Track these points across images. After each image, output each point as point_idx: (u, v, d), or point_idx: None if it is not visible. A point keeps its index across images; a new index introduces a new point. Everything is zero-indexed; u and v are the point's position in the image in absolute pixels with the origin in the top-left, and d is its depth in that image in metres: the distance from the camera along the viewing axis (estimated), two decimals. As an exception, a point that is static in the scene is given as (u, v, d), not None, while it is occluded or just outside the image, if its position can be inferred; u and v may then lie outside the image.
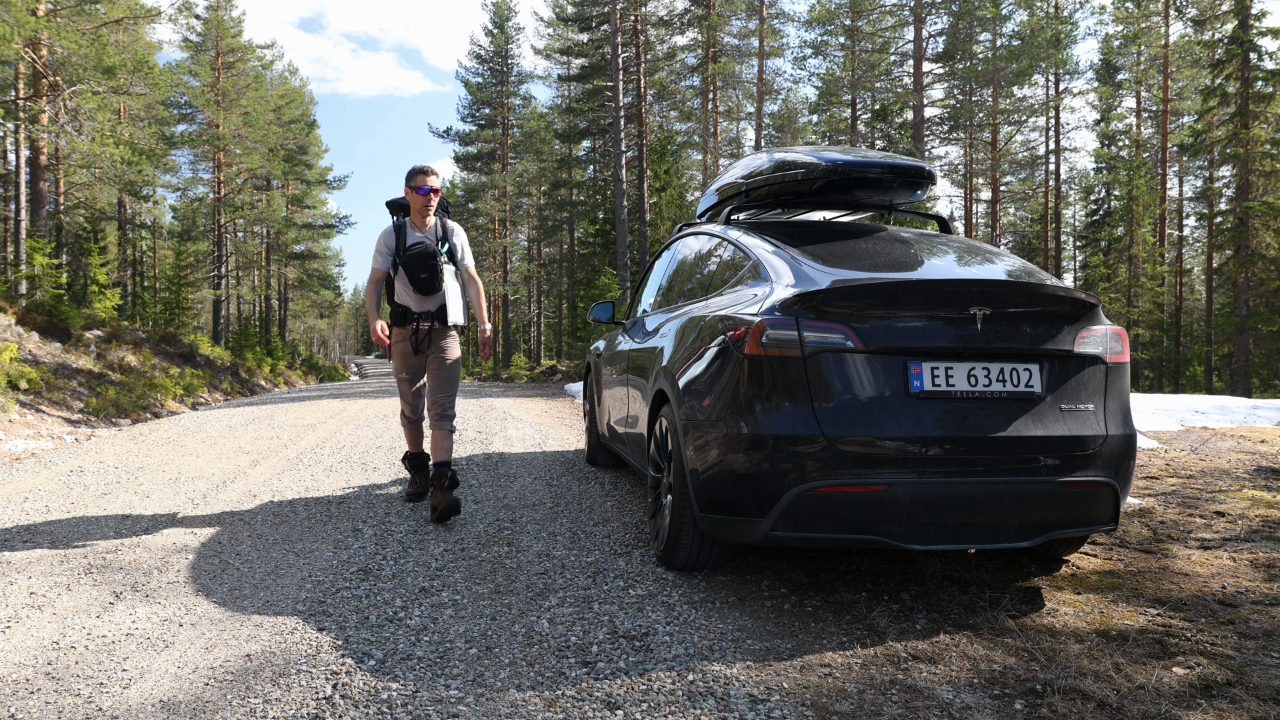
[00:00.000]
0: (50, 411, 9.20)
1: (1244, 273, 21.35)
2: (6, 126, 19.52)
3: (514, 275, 39.21)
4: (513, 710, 2.26)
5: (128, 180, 24.38)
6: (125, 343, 14.70)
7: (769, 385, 2.83)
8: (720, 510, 2.99)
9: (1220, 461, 5.71)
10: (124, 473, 5.95)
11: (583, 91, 29.78)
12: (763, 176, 4.12)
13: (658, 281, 5.07)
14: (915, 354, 2.81)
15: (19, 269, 16.28)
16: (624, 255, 21.57)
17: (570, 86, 33.77)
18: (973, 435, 2.74)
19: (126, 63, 16.18)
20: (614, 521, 4.43)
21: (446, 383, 4.48)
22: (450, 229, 4.55)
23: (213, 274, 31.46)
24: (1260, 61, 21.68)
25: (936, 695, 2.32)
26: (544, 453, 6.97)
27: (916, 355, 2.80)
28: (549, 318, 43.35)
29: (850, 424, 2.75)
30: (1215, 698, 2.26)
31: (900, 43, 26.20)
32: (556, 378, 23.31)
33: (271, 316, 39.20)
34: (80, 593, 3.31)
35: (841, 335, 2.79)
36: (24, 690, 2.43)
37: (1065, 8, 26.42)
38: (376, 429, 8.55)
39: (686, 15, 25.95)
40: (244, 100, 30.62)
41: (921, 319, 2.80)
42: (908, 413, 2.77)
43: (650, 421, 3.89)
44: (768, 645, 2.70)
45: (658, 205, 22.36)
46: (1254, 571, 3.36)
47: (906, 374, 2.80)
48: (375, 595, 3.22)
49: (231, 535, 4.18)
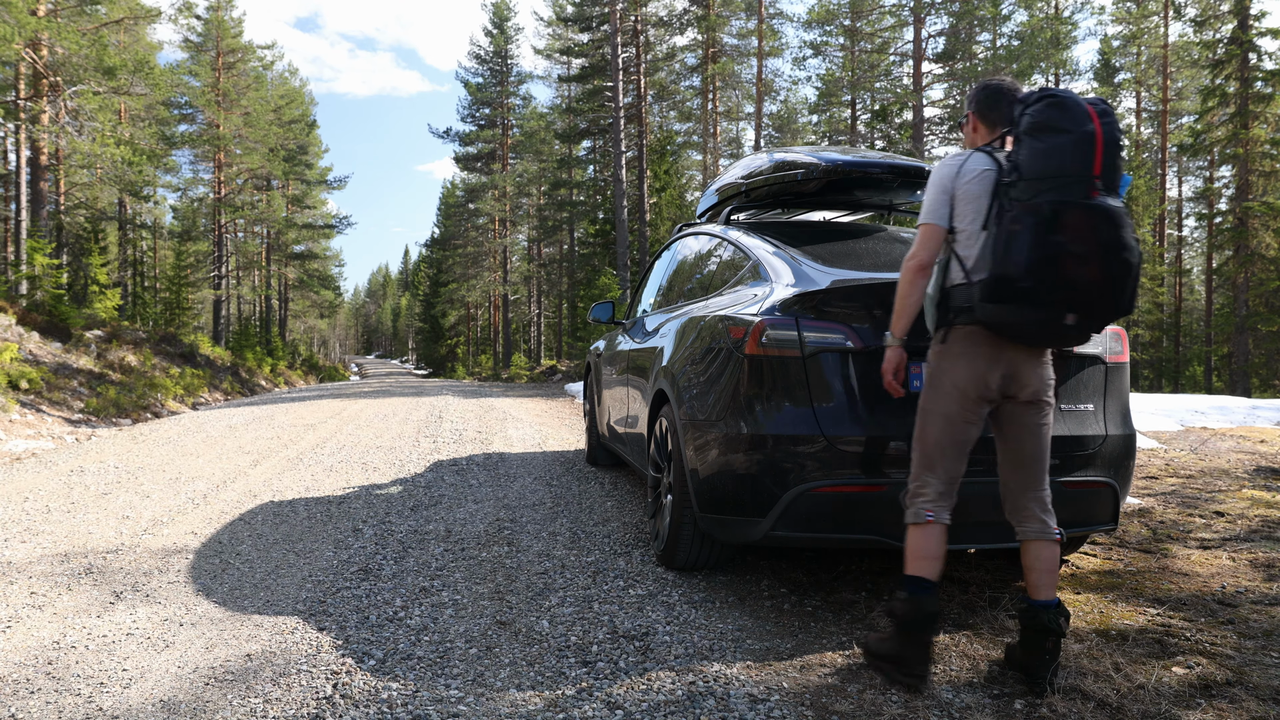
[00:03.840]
0: (50, 411, 9.20)
1: (1243, 273, 21.35)
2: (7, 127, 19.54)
3: (514, 275, 39.19)
4: (513, 710, 2.26)
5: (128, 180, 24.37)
6: (125, 343, 14.70)
7: (769, 385, 2.83)
8: (720, 510, 2.99)
9: (1220, 461, 5.71)
10: (124, 473, 5.95)
11: (583, 91, 29.76)
12: (763, 176, 4.12)
13: (658, 281, 5.07)
14: (915, 354, 2.81)
15: (19, 269, 16.27)
16: (624, 255, 21.56)
17: (570, 86, 33.75)
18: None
19: (127, 63, 16.18)
20: (614, 521, 4.43)
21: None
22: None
23: (213, 274, 31.44)
24: (1260, 61, 21.67)
25: (936, 695, 2.32)
26: (544, 453, 6.97)
27: (916, 355, 2.81)
28: (549, 318, 43.35)
29: (850, 424, 2.75)
30: (1215, 698, 2.26)
31: (900, 43, 26.21)
32: (556, 378, 23.32)
33: (272, 316, 39.20)
34: (80, 593, 3.31)
35: (841, 335, 2.80)
36: (24, 690, 2.43)
37: (1065, 8, 26.40)
38: (376, 429, 8.55)
39: (686, 15, 25.95)
40: (244, 100, 30.60)
41: (921, 318, 2.80)
42: (908, 413, 2.77)
43: (650, 421, 3.89)
44: (768, 645, 2.71)
45: (658, 205, 22.35)
46: (1254, 571, 3.36)
47: (907, 374, 2.80)
48: (375, 595, 3.22)
49: (231, 535, 4.18)
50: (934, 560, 2.37)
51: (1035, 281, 2.15)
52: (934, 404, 2.40)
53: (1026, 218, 2.15)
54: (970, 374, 2.33)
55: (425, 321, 46.96)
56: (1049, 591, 2.37)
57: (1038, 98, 2.26)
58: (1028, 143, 2.21)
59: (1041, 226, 2.13)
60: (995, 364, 2.33)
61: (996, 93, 2.48)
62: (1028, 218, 2.15)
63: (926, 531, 2.38)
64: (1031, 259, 2.13)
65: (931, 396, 2.42)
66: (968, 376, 2.34)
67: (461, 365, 40.07)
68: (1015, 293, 2.18)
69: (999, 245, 2.20)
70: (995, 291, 2.21)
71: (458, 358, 42.79)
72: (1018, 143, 2.26)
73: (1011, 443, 2.43)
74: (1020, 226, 2.16)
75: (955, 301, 2.35)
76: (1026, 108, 2.26)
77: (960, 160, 2.40)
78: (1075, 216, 2.13)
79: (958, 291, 2.35)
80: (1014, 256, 2.15)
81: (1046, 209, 2.13)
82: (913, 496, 2.43)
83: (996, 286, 2.20)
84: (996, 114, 2.46)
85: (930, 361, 2.43)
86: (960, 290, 2.34)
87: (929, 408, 2.42)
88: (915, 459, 2.45)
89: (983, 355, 2.32)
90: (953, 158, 2.43)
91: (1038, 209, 2.14)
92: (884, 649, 2.43)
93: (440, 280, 41.83)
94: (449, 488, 5.35)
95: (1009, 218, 2.19)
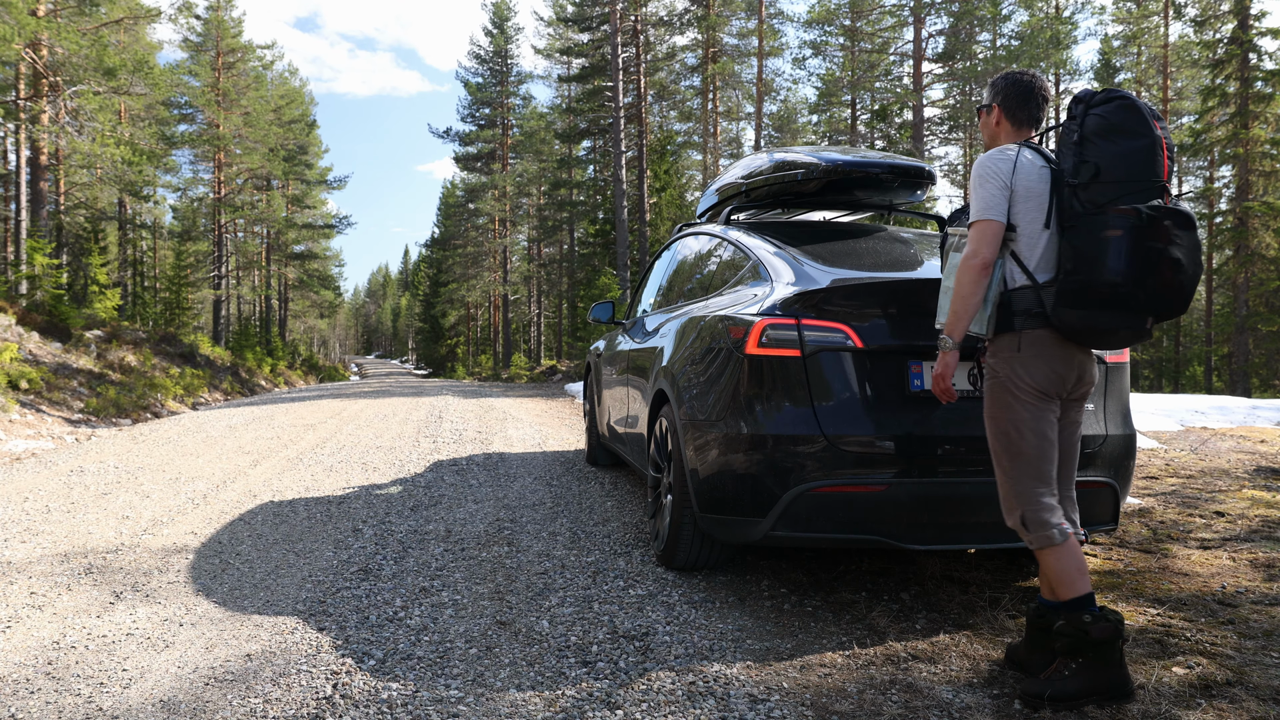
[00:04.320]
0: (50, 411, 9.19)
1: (1244, 273, 21.33)
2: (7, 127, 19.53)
3: (514, 275, 39.18)
4: (513, 710, 2.26)
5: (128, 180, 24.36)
6: (125, 343, 14.70)
7: (769, 385, 2.83)
8: (720, 510, 2.99)
9: (1220, 461, 5.71)
10: (124, 473, 5.95)
11: (583, 91, 29.76)
12: (763, 176, 4.12)
13: (658, 281, 5.07)
14: (915, 353, 2.81)
15: (19, 269, 16.27)
16: (624, 255, 21.56)
17: (570, 86, 33.75)
18: (973, 434, 2.75)
19: (127, 63, 16.17)
20: (614, 521, 4.43)
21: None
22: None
23: (213, 274, 31.44)
24: (1260, 61, 21.66)
25: (936, 695, 2.32)
26: (544, 453, 6.97)
27: (916, 354, 2.81)
28: (549, 318, 43.34)
29: (850, 423, 2.75)
30: (1215, 698, 2.26)
31: (900, 43, 26.21)
32: (556, 378, 23.31)
33: (272, 316, 39.19)
34: (80, 593, 3.31)
35: (841, 335, 2.79)
36: (24, 690, 2.43)
37: (1065, 8, 26.40)
38: (376, 429, 8.55)
39: (686, 15, 25.95)
40: (244, 100, 30.60)
41: (921, 318, 2.80)
42: (908, 412, 2.77)
43: (650, 421, 3.89)
44: (768, 645, 2.70)
45: (658, 205, 22.35)
46: (1254, 571, 3.36)
47: (907, 373, 2.80)
48: (375, 595, 3.22)
49: (231, 535, 4.18)
50: (1085, 572, 2.24)
51: (1134, 287, 2.10)
52: (1017, 413, 2.26)
53: (1122, 222, 2.09)
54: (1049, 374, 2.25)
55: (425, 321, 46.96)
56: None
57: (1105, 97, 2.18)
58: (1100, 145, 2.15)
59: (1141, 232, 2.08)
60: (1070, 364, 2.27)
61: (1028, 92, 2.40)
62: (1123, 222, 2.09)
63: (1069, 548, 2.23)
64: (1131, 265, 2.08)
65: (1011, 406, 2.27)
66: (1047, 377, 2.25)
67: (461, 365, 40.07)
68: (1107, 299, 2.12)
69: (1089, 250, 2.13)
70: (1080, 298, 2.15)
71: (458, 358, 42.79)
72: (1082, 143, 2.18)
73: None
74: (1118, 232, 2.09)
75: (1020, 305, 2.25)
76: (1091, 107, 2.18)
77: (1012, 154, 2.30)
78: (1170, 222, 2.09)
79: (1022, 295, 2.25)
80: (1111, 263, 2.09)
81: (1144, 214, 2.08)
82: (1035, 519, 2.24)
83: (1083, 293, 2.14)
84: (1025, 114, 2.40)
85: (998, 370, 2.30)
86: (1025, 294, 2.25)
87: (1013, 419, 2.27)
88: (1016, 479, 2.27)
89: (1058, 356, 2.25)
90: (1001, 151, 2.32)
91: (1135, 214, 2.08)
92: (1078, 686, 2.18)
93: (440, 280, 41.83)
94: (449, 488, 5.35)
95: (1098, 222, 2.12)
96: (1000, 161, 2.30)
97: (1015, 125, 2.41)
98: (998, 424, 2.31)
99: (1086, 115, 2.19)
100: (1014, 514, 2.28)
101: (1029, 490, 2.26)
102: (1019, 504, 2.27)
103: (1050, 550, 2.23)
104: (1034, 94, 2.40)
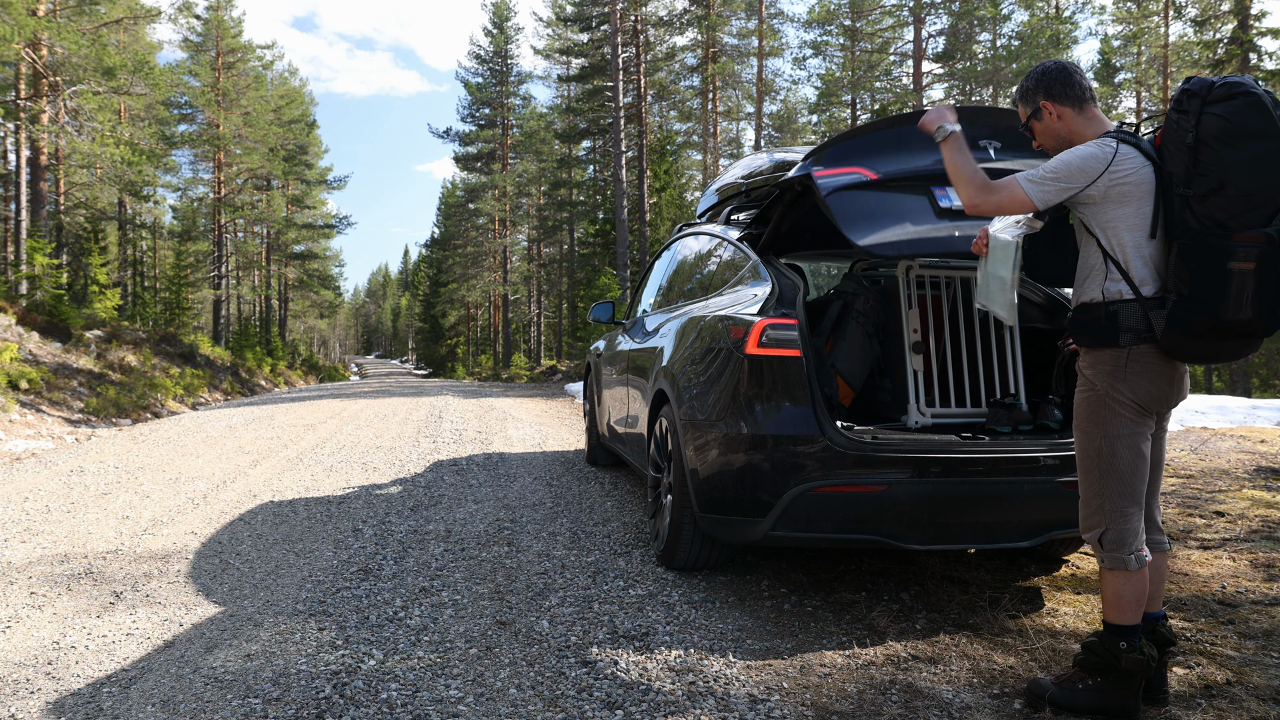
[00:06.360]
0: (50, 411, 9.20)
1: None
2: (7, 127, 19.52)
3: (514, 275, 39.17)
4: (513, 710, 2.26)
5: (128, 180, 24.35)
6: (125, 343, 14.70)
7: (769, 385, 2.83)
8: (720, 510, 2.99)
9: (1220, 461, 5.71)
10: (124, 473, 5.95)
11: (583, 91, 29.76)
12: (763, 176, 4.12)
13: (658, 281, 5.07)
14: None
15: (19, 269, 16.27)
16: (624, 255, 21.56)
17: (570, 86, 33.74)
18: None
19: (126, 63, 16.17)
20: (614, 521, 4.43)
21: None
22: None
23: (213, 274, 31.44)
24: (1260, 61, 21.66)
25: (936, 695, 2.32)
26: (544, 453, 6.97)
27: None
28: (549, 318, 43.33)
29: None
30: (1215, 698, 2.26)
31: (900, 43, 26.22)
32: (556, 378, 23.30)
33: (271, 316, 39.19)
34: (80, 593, 3.31)
35: (841, 335, 2.80)
36: (24, 690, 2.43)
37: (1065, 8, 26.39)
38: (376, 429, 8.55)
39: (686, 15, 25.94)
40: (244, 100, 30.59)
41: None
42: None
43: (650, 421, 3.89)
44: (768, 645, 2.70)
45: (658, 205, 22.35)
46: (1254, 571, 3.36)
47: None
48: (375, 595, 3.22)
49: (231, 535, 4.18)
50: (1143, 604, 2.13)
51: (1266, 320, 1.92)
52: (1115, 429, 2.10)
53: (1251, 253, 1.87)
54: (1153, 390, 2.09)
55: (425, 321, 46.96)
56: (1157, 603, 2.27)
57: (1226, 93, 1.91)
58: (1221, 152, 1.90)
59: (1272, 261, 1.88)
60: (1174, 381, 2.13)
61: (1062, 70, 2.20)
62: (1252, 253, 1.87)
63: (1138, 576, 2.11)
64: (1262, 300, 1.89)
65: (1109, 421, 2.10)
66: (1150, 393, 2.09)
67: (461, 365, 40.06)
68: (1233, 332, 1.97)
69: (1211, 280, 1.92)
70: (1199, 329, 1.98)
71: (458, 358, 42.78)
72: (1197, 148, 1.93)
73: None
74: (1248, 265, 1.87)
75: (1126, 322, 2.06)
76: (1209, 104, 1.92)
77: (1110, 148, 2.05)
78: None
79: (1129, 311, 2.06)
80: (1239, 300, 1.90)
81: (1275, 239, 1.87)
82: (1117, 540, 2.11)
83: (1204, 325, 1.97)
84: (1077, 89, 2.19)
85: (1096, 383, 2.13)
86: (1131, 309, 2.06)
87: (1109, 434, 2.10)
88: (1106, 496, 2.12)
89: (1164, 374, 2.10)
90: (1099, 143, 2.08)
91: (1265, 240, 1.87)
92: (1089, 702, 2.15)
93: (440, 280, 41.83)
94: (449, 488, 5.35)
95: (1222, 251, 1.90)
96: (1095, 155, 2.06)
97: (1077, 107, 2.19)
98: (1091, 439, 2.15)
99: (1203, 114, 1.93)
100: (1095, 530, 2.16)
101: (1118, 508, 2.12)
102: (1104, 520, 2.13)
103: (1120, 574, 2.13)
104: (1068, 69, 2.20)
